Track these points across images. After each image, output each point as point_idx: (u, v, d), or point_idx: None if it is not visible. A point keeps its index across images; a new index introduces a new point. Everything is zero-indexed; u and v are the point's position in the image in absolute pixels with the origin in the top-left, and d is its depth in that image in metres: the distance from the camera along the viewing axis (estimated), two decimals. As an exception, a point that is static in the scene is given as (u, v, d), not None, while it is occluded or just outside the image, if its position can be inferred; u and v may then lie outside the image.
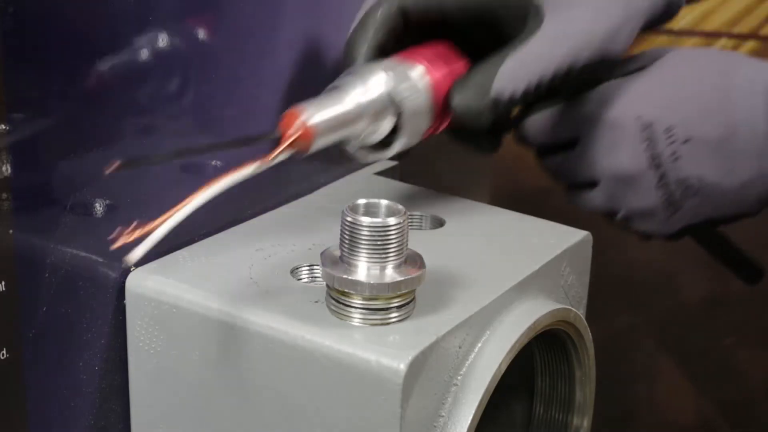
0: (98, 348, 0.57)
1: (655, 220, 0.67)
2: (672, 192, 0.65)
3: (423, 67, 0.59)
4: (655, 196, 0.66)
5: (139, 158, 0.50)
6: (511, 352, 0.54)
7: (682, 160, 0.64)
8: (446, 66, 0.60)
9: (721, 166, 0.64)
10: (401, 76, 0.58)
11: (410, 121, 0.58)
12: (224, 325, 0.53)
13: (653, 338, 1.13)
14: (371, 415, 0.49)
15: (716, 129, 0.64)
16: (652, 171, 0.65)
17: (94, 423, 0.58)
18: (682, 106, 0.65)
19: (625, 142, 0.65)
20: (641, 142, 0.65)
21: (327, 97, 0.55)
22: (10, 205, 0.51)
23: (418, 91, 0.58)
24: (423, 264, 0.52)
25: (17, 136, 0.50)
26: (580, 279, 0.65)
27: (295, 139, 0.52)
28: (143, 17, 0.55)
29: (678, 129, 0.64)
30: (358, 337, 0.50)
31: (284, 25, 0.66)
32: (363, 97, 0.55)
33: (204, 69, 0.60)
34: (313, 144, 0.53)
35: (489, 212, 0.67)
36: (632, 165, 0.65)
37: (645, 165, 0.65)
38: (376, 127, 0.57)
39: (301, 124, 0.53)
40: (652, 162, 0.65)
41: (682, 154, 0.64)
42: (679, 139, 0.64)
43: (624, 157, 0.65)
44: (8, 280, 0.52)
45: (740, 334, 1.10)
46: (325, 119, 0.54)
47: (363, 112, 0.55)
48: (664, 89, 0.66)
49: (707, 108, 0.65)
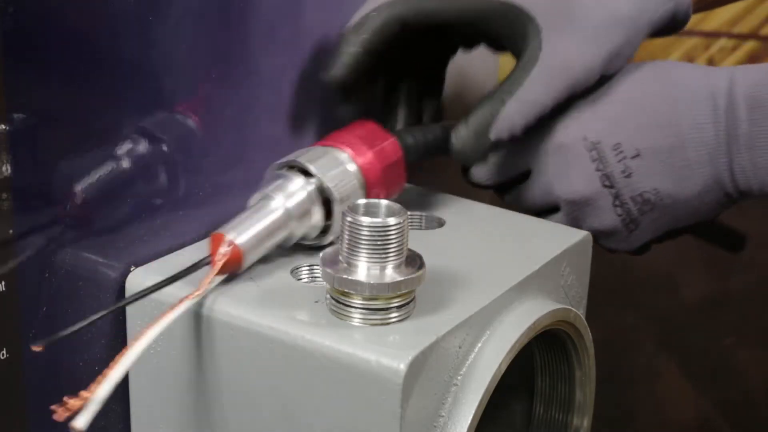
0: (98, 348, 0.57)
1: (617, 238, 0.67)
2: (629, 209, 0.65)
3: (350, 151, 0.58)
4: (613, 214, 0.66)
5: (63, 334, 0.49)
6: (511, 352, 0.54)
7: (634, 176, 0.64)
8: (373, 146, 0.59)
9: (675, 176, 0.64)
10: (330, 164, 0.57)
11: (343, 206, 0.57)
12: (224, 325, 0.53)
13: (653, 338, 1.12)
14: (371, 415, 0.49)
15: (665, 140, 0.64)
16: (606, 190, 0.65)
17: (94, 423, 0.58)
18: (627, 122, 0.65)
19: (576, 165, 0.65)
20: (591, 163, 0.65)
21: (249, 213, 0.55)
22: (10, 205, 0.51)
23: (347, 175, 0.58)
24: (423, 264, 0.52)
25: (17, 136, 0.50)
26: (580, 279, 0.65)
27: (227, 261, 0.52)
28: (143, 17, 0.55)
29: (626, 145, 0.64)
30: (358, 337, 0.50)
31: (288, 24, 0.66)
32: (285, 205, 0.55)
33: (205, 68, 0.60)
34: (244, 262, 0.53)
35: (489, 212, 0.67)
36: (586, 187, 0.65)
37: (598, 185, 0.65)
38: (307, 226, 0.56)
39: (228, 245, 0.53)
40: (606, 181, 0.65)
41: (633, 170, 0.64)
42: (629, 154, 0.64)
43: (576, 180, 0.65)
44: (8, 280, 0.51)
45: (740, 334, 1.10)
46: (252, 235, 0.54)
47: (288, 218, 0.55)
48: (607, 108, 0.66)
49: (653, 121, 0.65)
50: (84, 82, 0.54)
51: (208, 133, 0.61)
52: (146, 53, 0.57)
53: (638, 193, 0.65)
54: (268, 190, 0.56)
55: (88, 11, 0.53)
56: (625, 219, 0.66)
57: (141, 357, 0.56)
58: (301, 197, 0.56)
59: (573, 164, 0.65)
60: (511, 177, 0.68)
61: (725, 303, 1.12)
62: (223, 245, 0.53)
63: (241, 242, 0.53)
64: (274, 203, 0.55)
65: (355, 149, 0.59)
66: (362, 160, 0.58)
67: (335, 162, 0.58)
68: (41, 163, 0.52)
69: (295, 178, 0.56)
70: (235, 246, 0.53)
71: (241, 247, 0.53)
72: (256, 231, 0.54)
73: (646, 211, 0.65)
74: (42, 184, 0.53)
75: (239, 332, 0.52)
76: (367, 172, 0.59)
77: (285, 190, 0.56)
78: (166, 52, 0.58)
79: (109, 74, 0.55)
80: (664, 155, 0.64)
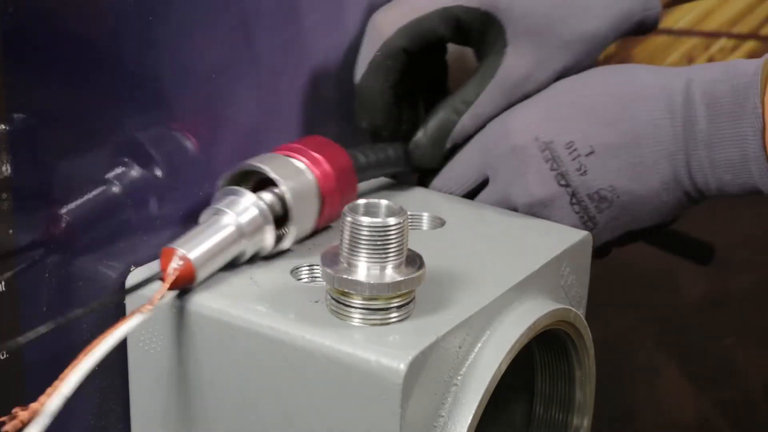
0: (98, 348, 0.57)
1: None
2: (587, 206, 0.65)
3: (306, 161, 0.58)
4: (571, 213, 0.65)
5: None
6: (511, 352, 0.54)
7: (589, 173, 0.64)
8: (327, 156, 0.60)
9: (631, 173, 0.64)
10: (287, 173, 0.57)
11: (299, 214, 0.57)
12: (224, 325, 0.53)
13: (653, 338, 1.13)
14: (371, 415, 0.49)
15: (618, 137, 0.64)
16: (562, 189, 0.65)
17: (94, 423, 0.58)
18: (579, 120, 0.65)
19: (530, 167, 0.65)
20: (545, 163, 0.65)
21: (202, 228, 0.54)
22: (10, 205, 0.51)
23: (305, 184, 0.58)
24: (423, 264, 0.52)
25: (17, 136, 0.50)
26: (580, 279, 0.65)
27: (178, 276, 0.52)
28: (143, 17, 0.55)
29: (579, 143, 0.64)
30: (358, 337, 0.50)
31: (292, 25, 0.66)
32: (238, 220, 0.55)
33: (205, 68, 0.60)
34: (197, 276, 0.53)
35: (489, 212, 0.67)
36: (542, 188, 0.65)
37: (555, 185, 0.65)
38: (259, 241, 0.56)
39: (180, 259, 0.52)
40: (561, 180, 0.65)
41: (588, 167, 0.64)
42: (582, 152, 0.64)
43: (532, 182, 0.65)
44: (8, 280, 0.51)
45: (740, 334, 1.10)
46: (205, 249, 0.53)
47: (240, 233, 0.55)
48: (558, 108, 0.66)
49: (605, 117, 0.65)
50: (84, 82, 0.53)
51: (208, 133, 0.61)
52: (146, 53, 0.56)
53: (594, 191, 0.65)
54: (220, 206, 0.55)
55: (88, 11, 0.53)
56: (583, 217, 0.65)
57: (141, 357, 0.56)
58: (253, 214, 0.55)
59: (527, 166, 0.65)
60: (472, 185, 0.69)
61: (725, 303, 1.12)
62: (174, 260, 0.52)
63: (194, 257, 0.53)
64: (226, 218, 0.55)
65: (311, 159, 0.59)
66: (319, 170, 0.59)
67: (293, 170, 0.58)
68: (41, 163, 0.52)
69: (247, 193, 0.56)
70: (188, 260, 0.53)
71: (193, 262, 0.53)
72: (209, 246, 0.54)
73: (603, 209, 0.65)
74: (42, 184, 0.53)
75: (239, 332, 0.52)
76: (323, 182, 0.59)
77: (237, 206, 0.55)
78: (166, 52, 0.58)
79: (109, 74, 0.55)
80: (619, 152, 0.64)
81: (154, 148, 0.58)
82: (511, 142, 0.66)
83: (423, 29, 0.66)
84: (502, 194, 0.67)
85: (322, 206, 0.59)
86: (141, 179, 0.58)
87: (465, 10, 0.66)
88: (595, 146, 0.64)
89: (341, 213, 0.60)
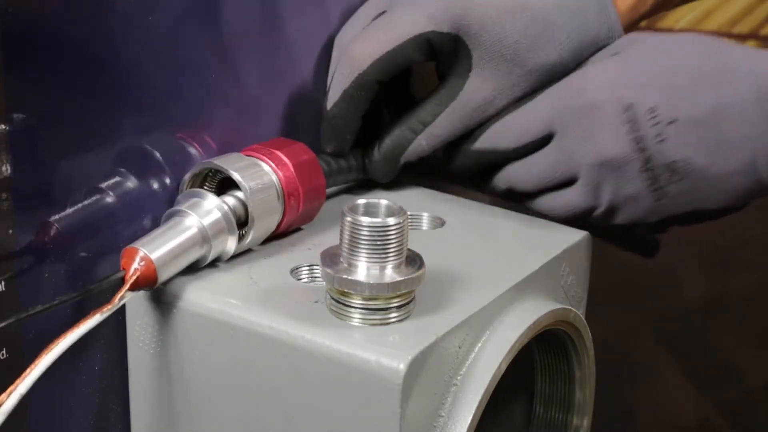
0: (98, 348, 0.57)
1: (640, 206, 0.65)
2: (658, 176, 0.63)
3: (271, 163, 0.58)
4: (640, 180, 0.63)
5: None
6: (511, 352, 0.54)
7: (667, 142, 0.62)
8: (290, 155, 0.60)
9: (710, 149, 0.62)
10: (251, 174, 0.57)
11: (260, 214, 0.57)
12: (224, 325, 0.53)
13: (653, 338, 1.12)
14: (371, 415, 0.49)
15: (703, 109, 0.62)
16: (636, 154, 0.63)
17: (94, 423, 0.58)
18: (666, 87, 0.63)
19: (606, 126, 0.63)
20: (623, 125, 0.63)
21: (164, 230, 0.54)
22: (10, 205, 0.51)
23: (266, 186, 0.57)
24: (423, 264, 0.52)
25: (17, 136, 0.50)
26: (580, 279, 0.65)
27: (139, 276, 0.52)
28: (143, 17, 0.55)
29: (662, 109, 0.62)
30: (357, 337, 0.50)
31: (286, 21, 0.66)
32: (201, 222, 0.55)
33: (205, 68, 0.60)
34: (158, 277, 0.53)
35: (489, 212, 0.67)
36: (615, 149, 0.63)
37: (629, 148, 0.63)
38: (223, 242, 0.56)
39: (142, 259, 0.52)
40: (636, 145, 0.63)
41: (667, 136, 0.62)
42: (664, 120, 0.62)
43: (605, 141, 0.63)
44: (8, 280, 0.51)
45: (740, 334, 1.10)
46: (167, 250, 0.53)
47: (203, 234, 0.55)
48: (644, 70, 0.64)
49: (693, 88, 0.63)
50: (84, 82, 0.53)
51: (208, 132, 0.61)
52: (146, 53, 0.56)
53: (669, 161, 0.62)
54: (183, 207, 0.55)
55: (88, 11, 0.53)
56: (651, 185, 0.63)
57: (141, 357, 0.56)
58: (215, 217, 0.55)
59: (603, 125, 0.63)
60: (526, 142, 0.66)
61: (725, 303, 1.12)
62: (136, 260, 0.52)
63: (156, 257, 0.52)
64: (189, 220, 0.55)
65: (275, 161, 0.59)
66: (283, 172, 0.58)
67: (257, 170, 0.58)
68: (41, 163, 0.52)
69: (210, 196, 0.56)
70: (149, 260, 0.52)
71: (155, 262, 0.52)
72: (171, 247, 0.53)
73: (674, 181, 0.63)
74: (42, 184, 0.53)
75: (239, 332, 0.52)
76: (287, 183, 0.58)
77: (200, 208, 0.55)
78: (166, 52, 0.58)
79: (109, 74, 0.55)
80: (701, 126, 0.62)
81: (154, 148, 0.58)
82: (590, 98, 0.64)
83: (397, 60, 0.65)
84: (568, 152, 0.64)
85: (285, 207, 0.59)
86: (142, 179, 0.58)
87: (437, 35, 0.65)
88: (678, 116, 0.62)
89: (310, 213, 0.60)
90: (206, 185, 0.58)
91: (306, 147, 0.61)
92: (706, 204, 0.64)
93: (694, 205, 0.65)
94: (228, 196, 0.57)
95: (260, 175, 0.57)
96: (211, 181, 0.58)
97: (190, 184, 0.58)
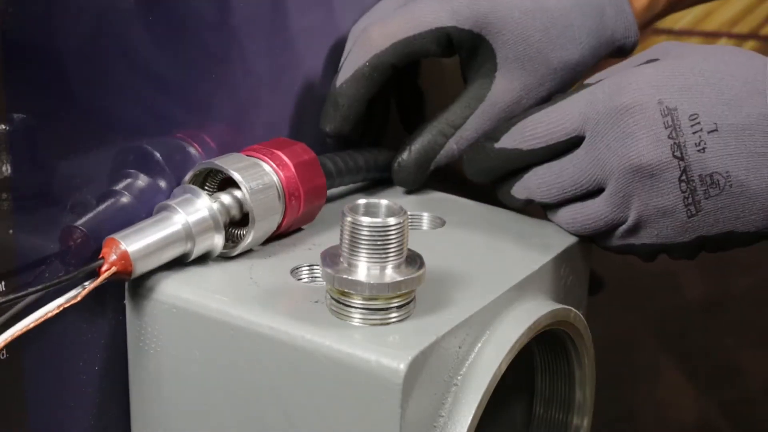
0: (98, 348, 0.57)
1: (671, 222, 0.61)
2: (695, 188, 0.59)
3: (272, 163, 0.58)
4: (675, 192, 0.60)
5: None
6: (511, 352, 0.54)
7: (708, 152, 0.59)
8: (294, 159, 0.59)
9: (750, 161, 0.59)
10: (252, 174, 0.57)
11: (261, 214, 0.57)
12: (224, 325, 0.53)
13: (653, 338, 1.12)
14: (371, 415, 0.49)
15: (743, 120, 0.59)
16: (675, 161, 0.59)
17: (94, 423, 0.58)
18: (707, 94, 0.60)
19: (645, 129, 0.59)
20: (664, 129, 0.59)
21: (149, 223, 0.54)
22: (10, 205, 0.51)
23: (267, 187, 0.57)
24: (423, 264, 0.52)
25: (17, 136, 0.50)
26: (580, 279, 0.65)
27: (116, 267, 0.52)
28: (144, 16, 0.55)
29: (703, 116, 0.59)
30: (358, 337, 0.50)
31: (289, 19, 0.66)
32: (187, 219, 0.55)
33: (205, 67, 0.60)
34: (134, 269, 0.53)
35: (489, 212, 0.67)
36: (653, 154, 0.59)
37: (667, 154, 0.59)
38: (210, 240, 0.56)
39: (120, 250, 0.52)
40: (677, 151, 0.59)
41: (708, 145, 0.59)
42: (706, 128, 0.59)
43: (643, 145, 0.59)
44: (8, 280, 0.51)
45: (740, 334, 1.10)
46: (145, 244, 0.53)
47: (187, 233, 0.55)
48: (687, 76, 0.61)
49: (735, 98, 0.59)
50: (84, 82, 0.53)
51: (208, 132, 0.61)
52: (146, 53, 0.56)
53: (708, 173, 0.59)
54: (173, 203, 0.55)
55: (88, 11, 0.53)
56: (687, 198, 0.59)
57: (141, 357, 0.56)
58: (203, 215, 0.55)
59: (642, 127, 0.59)
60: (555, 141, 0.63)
61: (725, 303, 1.12)
62: (114, 250, 0.52)
63: (132, 250, 0.53)
64: (176, 216, 0.55)
65: (276, 161, 0.59)
66: (283, 172, 0.58)
67: (257, 170, 0.58)
68: (41, 163, 0.52)
69: (203, 195, 0.56)
70: (125, 253, 0.52)
71: (131, 255, 0.53)
72: (150, 241, 0.53)
73: (712, 195, 0.59)
74: (42, 184, 0.53)
75: (239, 332, 0.52)
76: (288, 184, 0.58)
77: (190, 206, 0.55)
78: (166, 52, 0.58)
79: (109, 74, 0.55)
80: (742, 136, 0.59)
81: (154, 149, 0.58)
82: (629, 98, 0.60)
83: (415, 48, 0.66)
84: (599, 156, 0.61)
85: (286, 207, 0.59)
86: (141, 179, 0.58)
87: (458, 31, 0.65)
88: (719, 124, 0.59)
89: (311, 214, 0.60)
90: (207, 186, 0.58)
91: (307, 147, 0.61)
92: (742, 225, 0.60)
93: (729, 226, 0.60)
94: (224, 194, 0.57)
95: (261, 175, 0.57)
96: (212, 182, 0.58)
97: (191, 180, 0.58)
